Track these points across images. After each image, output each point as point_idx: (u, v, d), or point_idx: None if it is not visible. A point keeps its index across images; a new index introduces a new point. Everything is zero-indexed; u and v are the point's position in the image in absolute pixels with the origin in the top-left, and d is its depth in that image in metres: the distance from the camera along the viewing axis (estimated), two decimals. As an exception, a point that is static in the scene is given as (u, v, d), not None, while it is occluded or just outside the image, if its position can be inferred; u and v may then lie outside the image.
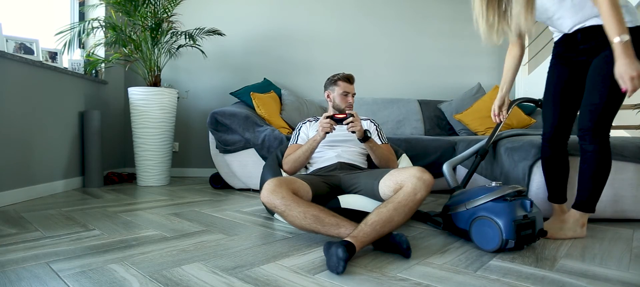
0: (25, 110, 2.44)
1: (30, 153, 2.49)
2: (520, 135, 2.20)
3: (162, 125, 3.16)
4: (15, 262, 1.27)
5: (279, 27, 3.89)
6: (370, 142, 1.86)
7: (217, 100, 3.81)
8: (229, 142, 2.88)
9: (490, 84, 3.95)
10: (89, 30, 3.03)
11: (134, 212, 2.11)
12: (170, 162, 3.31)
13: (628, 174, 1.88)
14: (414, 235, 1.68)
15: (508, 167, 2.02)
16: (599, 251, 1.46)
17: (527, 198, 1.46)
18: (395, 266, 1.27)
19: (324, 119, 1.78)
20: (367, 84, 3.96)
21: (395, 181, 1.55)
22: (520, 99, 2.20)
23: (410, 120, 3.63)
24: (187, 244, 1.51)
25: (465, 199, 1.57)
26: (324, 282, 1.14)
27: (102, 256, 1.35)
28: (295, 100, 3.44)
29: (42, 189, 2.57)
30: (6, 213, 2.04)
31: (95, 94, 3.27)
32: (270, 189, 1.51)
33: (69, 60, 3.07)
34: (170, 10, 3.18)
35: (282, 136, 2.73)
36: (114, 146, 3.62)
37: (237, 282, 1.13)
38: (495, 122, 1.95)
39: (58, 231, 1.69)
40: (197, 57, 3.63)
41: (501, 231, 1.37)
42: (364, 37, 4.01)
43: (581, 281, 1.15)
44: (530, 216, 1.42)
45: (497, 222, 1.39)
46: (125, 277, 1.15)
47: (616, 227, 1.83)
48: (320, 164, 1.99)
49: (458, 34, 4.07)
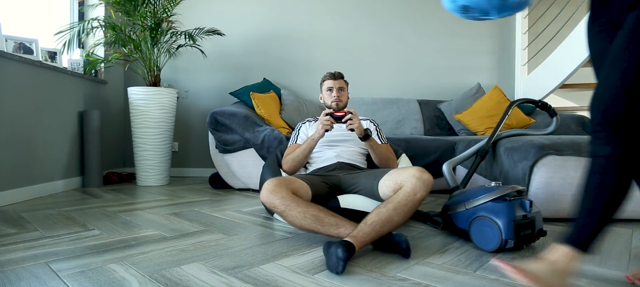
0: (24, 110, 2.43)
1: (30, 153, 2.49)
2: (520, 135, 2.20)
3: (161, 125, 3.16)
4: (15, 262, 1.27)
5: (278, 27, 3.89)
6: (371, 141, 1.86)
7: (216, 100, 3.81)
8: (228, 142, 2.87)
9: (490, 84, 3.94)
10: (88, 30, 3.02)
11: (134, 212, 2.11)
12: (169, 162, 3.31)
13: (627, 174, 1.88)
14: (414, 235, 1.68)
15: (508, 167, 2.02)
16: (598, 251, 1.46)
17: (526, 198, 1.46)
18: (395, 266, 1.27)
19: (324, 117, 1.79)
20: (366, 84, 3.96)
21: (394, 181, 1.55)
22: (520, 100, 2.20)
23: (409, 120, 3.63)
24: (187, 244, 1.51)
25: (464, 199, 1.57)
26: (323, 282, 1.14)
27: (102, 255, 1.35)
28: (294, 100, 3.44)
29: (41, 189, 2.57)
30: (5, 213, 2.04)
31: (94, 94, 3.27)
32: (270, 188, 1.51)
33: (68, 60, 3.07)
34: (170, 10, 3.18)
35: (282, 136, 2.73)
36: (114, 145, 3.62)
37: (237, 282, 1.13)
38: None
39: (57, 230, 1.69)
40: (196, 57, 3.63)
41: (500, 230, 1.37)
42: (363, 37, 4.01)
43: (581, 281, 1.15)
44: (530, 216, 1.42)
45: (496, 222, 1.39)
46: (125, 277, 1.15)
47: (616, 227, 1.83)
48: (320, 163, 1.98)
49: (458, 34, 4.07)
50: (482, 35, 4.09)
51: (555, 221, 1.94)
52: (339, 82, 2.07)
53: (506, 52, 4.10)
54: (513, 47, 4.07)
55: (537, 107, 2.22)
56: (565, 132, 3.13)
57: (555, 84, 3.65)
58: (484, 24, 4.10)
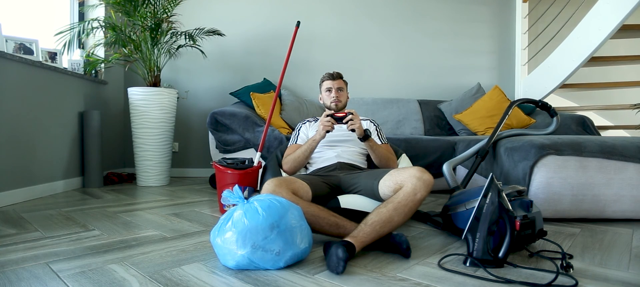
0: (24, 111, 2.43)
1: (30, 153, 2.49)
2: (520, 136, 2.20)
3: (161, 125, 3.16)
4: (15, 263, 1.27)
5: (279, 27, 3.89)
6: (370, 142, 1.85)
7: (216, 100, 3.81)
8: (228, 142, 2.87)
9: (490, 84, 3.95)
10: (88, 31, 3.03)
11: (134, 213, 2.11)
12: (170, 162, 3.31)
13: (628, 174, 1.88)
14: (414, 235, 1.68)
15: (508, 167, 2.02)
16: (598, 251, 1.46)
17: (526, 198, 1.46)
18: (395, 266, 1.27)
19: (325, 118, 1.79)
20: (367, 84, 3.96)
21: (395, 181, 1.54)
22: (520, 100, 2.20)
23: (410, 120, 3.63)
24: (187, 244, 1.51)
25: (465, 199, 1.57)
26: (323, 282, 1.14)
27: (102, 256, 1.35)
28: (295, 100, 3.44)
29: (41, 189, 2.57)
30: (6, 213, 2.04)
31: (95, 94, 3.27)
32: (270, 189, 1.51)
33: (68, 61, 3.07)
34: (170, 11, 3.18)
35: (282, 136, 2.73)
36: (114, 146, 3.62)
37: (237, 283, 1.13)
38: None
39: (58, 231, 1.69)
40: (196, 57, 3.63)
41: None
42: (364, 37, 4.01)
43: (581, 281, 1.15)
44: (530, 216, 1.42)
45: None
46: (125, 278, 1.15)
47: (616, 227, 1.83)
48: (320, 164, 1.98)
49: (458, 34, 4.07)
50: (483, 36, 4.09)
51: (555, 221, 1.95)
52: (338, 82, 2.07)
53: (506, 52, 4.10)
54: (513, 47, 4.07)
55: (537, 107, 2.22)
56: (565, 132, 3.13)
57: (555, 84, 3.65)
58: (484, 24, 4.11)
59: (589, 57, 3.43)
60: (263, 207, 1.23)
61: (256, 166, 2.14)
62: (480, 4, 4.10)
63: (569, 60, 3.52)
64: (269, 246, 1.19)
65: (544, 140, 1.95)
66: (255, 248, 1.18)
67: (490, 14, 4.12)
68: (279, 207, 1.25)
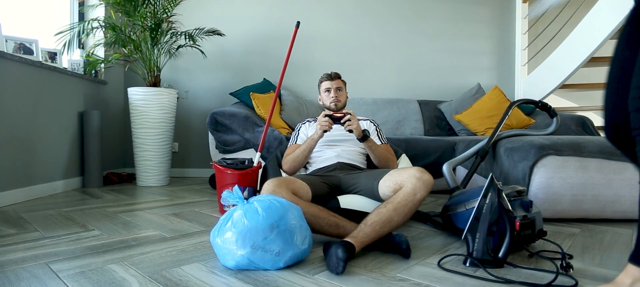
0: (24, 111, 2.43)
1: (30, 153, 2.49)
2: (520, 136, 2.20)
3: (161, 125, 3.15)
4: (15, 263, 1.27)
5: (279, 27, 3.89)
6: (369, 142, 1.85)
7: (216, 100, 3.81)
8: (228, 142, 2.87)
9: (490, 84, 3.94)
10: (88, 31, 3.03)
11: (134, 213, 2.11)
12: (169, 162, 3.31)
13: (628, 174, 1.88)
14: (414, 235, 1.68)
15: (508, 167, 2.02)
16: (598, 251, 1.46)
17: (526, 198, 1.46)
18: (395, 266, 1.27)
19: (322, 118, 1.79)
20: (367, 84, 3.96)
21: (394, 181, 1.54)
22: (520, 100, 2.20)
23: (409, 120, 3.63)
24: (187, 245, 1.51)
25: (464, 199, 1.57)
26: (323, 282, 1.14)
27: (102, 256, 1.35)
28: (294, 100, 3.44)
29: (41, 189, 2.57)
30: (5, 213, 2.04)
31: (94, 94, 3.27)
32: (270, 189, 1.51)
33: (68, 61, 3.07)
34: (170, 11, 3.18)
35: (282, 136, 2.73)
36: (114, 146, 3.62)
37: (237, 283, 1.13)
38: None
39: (57, 231, 1.69)
40: (196, 57, 3.63)
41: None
42: (363, 37, 4.01)
43: (581, 281, 1.15)
44: (530, 216, 1.42)
45: (496, 222, 1.38)
46: (125, 278, 1.15)
47: (616, 227, 1.83)
48: (320, 164, 1.98)
49: (458, 34, 4.07)
50: (483, 36, 4.09)
51: (555, 221, 1.95)
52: (337, 83, 2.07)
53: (506, 52, 4.10)
54: (513, 48, 4.07)
55: (537, 107, 2.22)
56: (565, 132, 3.13)
57: (555, 84, 3.65)
58: (484, 25, 4.11)
59: (589, 57, 3.43)
60: (263, 208, 1.23)
61: (256, 166, 2.14)
62: (480, 4, 4.10)
63: (569, 61, 3.52)
64: (268, 246, 1.19)
65: (544, 141, 1.95)
66: (255, 248, 1.18)
67: (490, 15, 4.12)
68: (279, 207, 1.25)
